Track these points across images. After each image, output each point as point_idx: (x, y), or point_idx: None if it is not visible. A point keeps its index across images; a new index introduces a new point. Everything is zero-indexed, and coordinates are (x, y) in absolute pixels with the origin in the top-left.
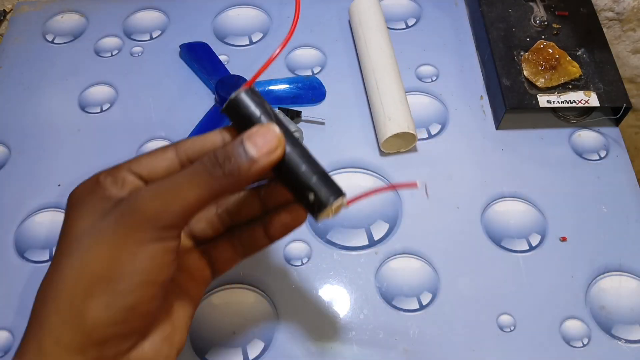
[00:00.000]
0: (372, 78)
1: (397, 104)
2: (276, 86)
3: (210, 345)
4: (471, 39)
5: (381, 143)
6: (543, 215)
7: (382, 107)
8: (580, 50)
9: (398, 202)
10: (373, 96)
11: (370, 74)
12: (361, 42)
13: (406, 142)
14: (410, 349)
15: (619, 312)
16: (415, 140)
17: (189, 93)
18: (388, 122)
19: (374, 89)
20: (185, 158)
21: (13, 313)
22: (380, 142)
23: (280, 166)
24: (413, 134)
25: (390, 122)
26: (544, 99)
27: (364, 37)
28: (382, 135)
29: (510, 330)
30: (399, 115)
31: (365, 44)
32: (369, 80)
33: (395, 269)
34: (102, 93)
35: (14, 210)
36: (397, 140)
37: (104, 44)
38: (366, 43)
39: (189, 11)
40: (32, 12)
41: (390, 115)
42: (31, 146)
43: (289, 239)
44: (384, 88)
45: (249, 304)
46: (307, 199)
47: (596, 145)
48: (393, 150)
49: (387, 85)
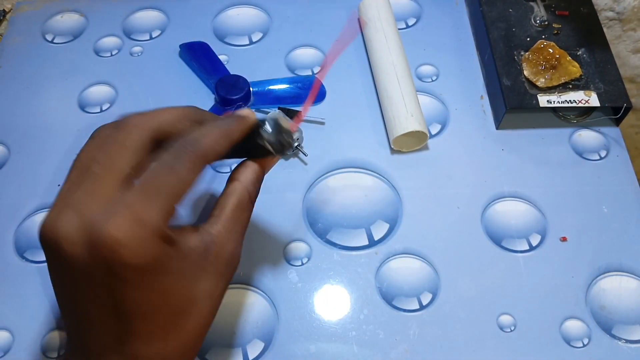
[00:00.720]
0: (392, 71)
1: (417, 102)
2: (276, 86)
3: (210, 345)
4: (471, 39)
5: (396, 137)
6: (543, 215)
7: (404, 101)
8: (581, 50)
9: (398, 202)
10: (392, 90)
11: (389, 67)
12: (379, 36)
13: (413, 143)
14: (410, 349)
15: (619, 312)
16: (424, 143)
17: (188, 93)
18: (410, 118)
19: (394, 82)
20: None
21: (13, 313)
22: (397, 136)
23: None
24: (425, 136)
25: (412, 118)
26: (544, 99)
27: (383, 31)
28: (401, 129)
29: (510, 331)
30: (419, 113)
31: (385, 37)
32: (388, 73)
33: (395, 269)
34: (101, 93)
35: (14, 210)
36: (408, 139)
37: (103, 43)
38: (386, 36)
39: (189, 11)
40: (31, 12)
41: (413, 111)
42: (31, 146)
43: (289, 239)
44: (405, 83)
45: (249, 304)
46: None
47: (596, 145)
48: (398, 148)
49: (407, 81)
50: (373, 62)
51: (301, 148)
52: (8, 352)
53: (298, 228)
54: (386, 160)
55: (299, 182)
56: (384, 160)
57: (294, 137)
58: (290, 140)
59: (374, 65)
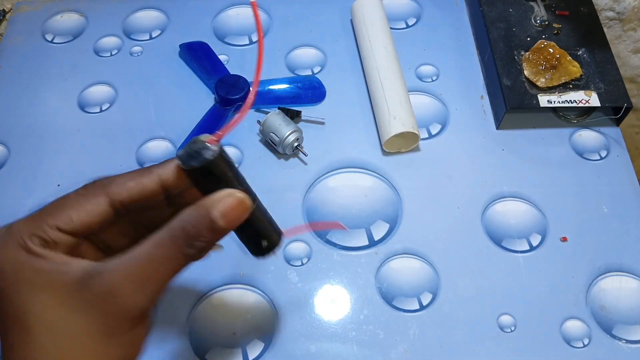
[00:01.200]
0: (376, 76)
1: (402, 103)
2: (276, 86)
3: (210, 346)
4: (471, 39)
5: (384, 142)
6: (543, 215)
7: (387, 105)
8: (581, 50)
9: (398, 202)
10: (377, 94)
11: (374, 72)
12: (365, 41)
13: (408, 142)
14: (410, 349)
15: (619, 312)
16: (418, 141)
17: (188, 93)
18: (393, 121)
19: (378, 87)
20: (119, 204)
21: None
22: (384, 141)
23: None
24: (416, 134)
25: (395, 121)
26: (545, 99)
27: (368, 36)
28: (386, 134)
29: (510, 331)
30: (403, 114)
31: (370, 42)
32: (373, 78)
33: (395, 269)
34: (101, 93)
35: (14, 210)
36: (400, 140)
37: (103, 43)
38: (370, 41)
39: (189, 11)
40: (31, 12)
41: (395, 113)
42: (30, 146)
43: (289, 239)
44: (389, 86)
45: (249, 304)
46: (259, 245)
47: (597, 145)
48: (394, 150)
49: (392, 84)
50: (363, 67)
51: (301, 148)
52: None
53: None
54: (386, 160)
55: (299, 182)
56: (384, 160)
57: (210, 147)
58: (200, 148)
59: (364, 70)
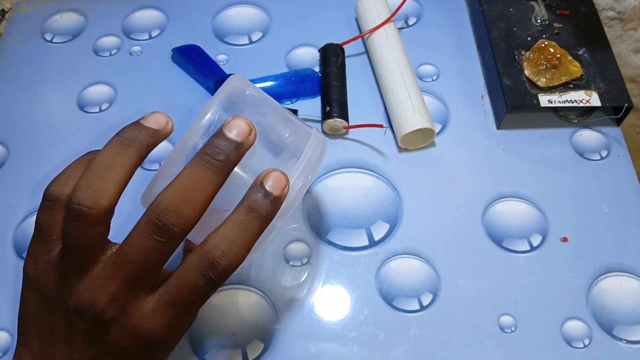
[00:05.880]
0: (397, 70)
1: (422, 99)
2: (272, 82)
3: (210, 346)
4: (472, 38)
5: (404, 135)
6: (544, 215)
7: (410, 99)
8: (582, 49)
9: (398, 202)
10: (397, 88)
11: (393, 66)
12: (380, 35)
13: (418, 141)
14: (410, 349)
15: (620, 312)
16: (430, 141)
17: (188, 93)
18: (418, 115)
19: (398, 80)
20: None
21: (12, 314)
22: (404, 133)
23: None
24: (432, 132)
25: (420, 116)
26: (545, 99)
27: (384, 30)
28: (408, 127)
29: (511, 331)
30: (425, 111)
31: (386, 36)
32: (392, 72)
33: (395, 270)
34: (101, 93)
35: (13, 210)
36: (415, 137)
37: (102, 43)
38: (387, 35)
39: (188, 10)
40: (30, 12)
41: (420, 109)
42: (30, 146)
43: (289, 239)
44: (410, 82)
45: (249, 305)
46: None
47: (597, 145)
48: (405, 146)
49: (412, 79)
50: (375, 61)
51: None
52: (7, 353)
53: (298, 228)
54: (386, 160)
55: None
56: (384, 160)
57: None
58: None
59: (376, 64)
